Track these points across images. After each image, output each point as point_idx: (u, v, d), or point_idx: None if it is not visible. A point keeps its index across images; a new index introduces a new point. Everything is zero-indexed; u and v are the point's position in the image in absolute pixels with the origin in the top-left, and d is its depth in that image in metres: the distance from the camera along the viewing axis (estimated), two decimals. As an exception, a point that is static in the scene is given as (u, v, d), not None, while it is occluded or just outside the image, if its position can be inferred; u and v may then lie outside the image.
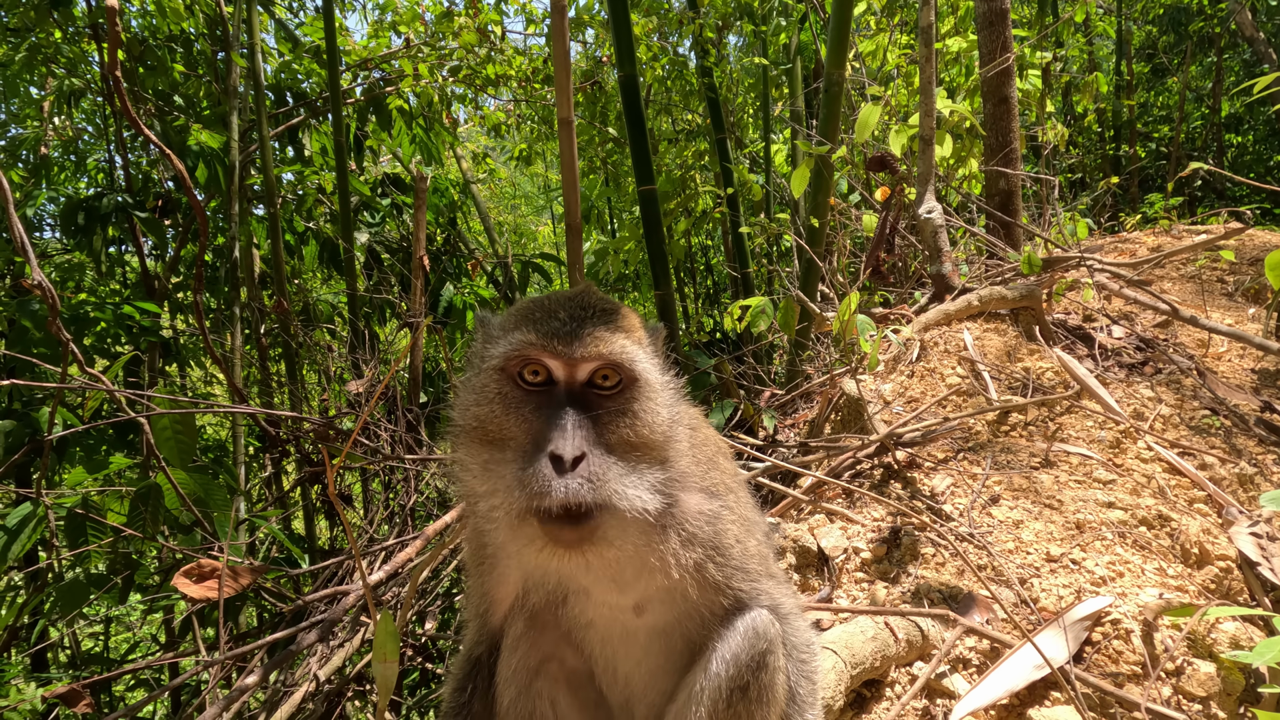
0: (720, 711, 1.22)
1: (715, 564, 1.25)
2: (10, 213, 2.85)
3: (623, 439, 1.16)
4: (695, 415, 1.40)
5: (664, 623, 1.32)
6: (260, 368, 5.99)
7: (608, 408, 1.16)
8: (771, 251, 7.99)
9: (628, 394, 1.18)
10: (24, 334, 4.62)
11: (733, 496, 1.34)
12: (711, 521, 1.26)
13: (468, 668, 1.44)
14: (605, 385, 1.17)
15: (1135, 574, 2.15)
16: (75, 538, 3.23)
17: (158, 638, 6.98)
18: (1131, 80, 12.08)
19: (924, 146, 4.25)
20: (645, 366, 1.20)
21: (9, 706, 2.91)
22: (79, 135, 8.75)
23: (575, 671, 1.42)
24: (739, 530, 1.30)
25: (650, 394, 1.20)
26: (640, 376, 1.19)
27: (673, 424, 1.22)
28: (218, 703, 2.70)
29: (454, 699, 1.42)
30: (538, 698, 1.37)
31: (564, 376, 1.17)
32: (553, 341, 1.16)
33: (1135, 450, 2.83)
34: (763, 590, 1.31)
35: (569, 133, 4.05)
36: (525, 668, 1.36)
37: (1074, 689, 1.69)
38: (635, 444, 1.17)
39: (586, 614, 1.34)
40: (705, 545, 1.25)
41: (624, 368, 1.17)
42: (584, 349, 1.15)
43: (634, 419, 1.17)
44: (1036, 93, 7.21)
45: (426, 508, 4.40)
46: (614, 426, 1.16)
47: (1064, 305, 4.59)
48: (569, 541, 1.10)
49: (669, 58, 7.57)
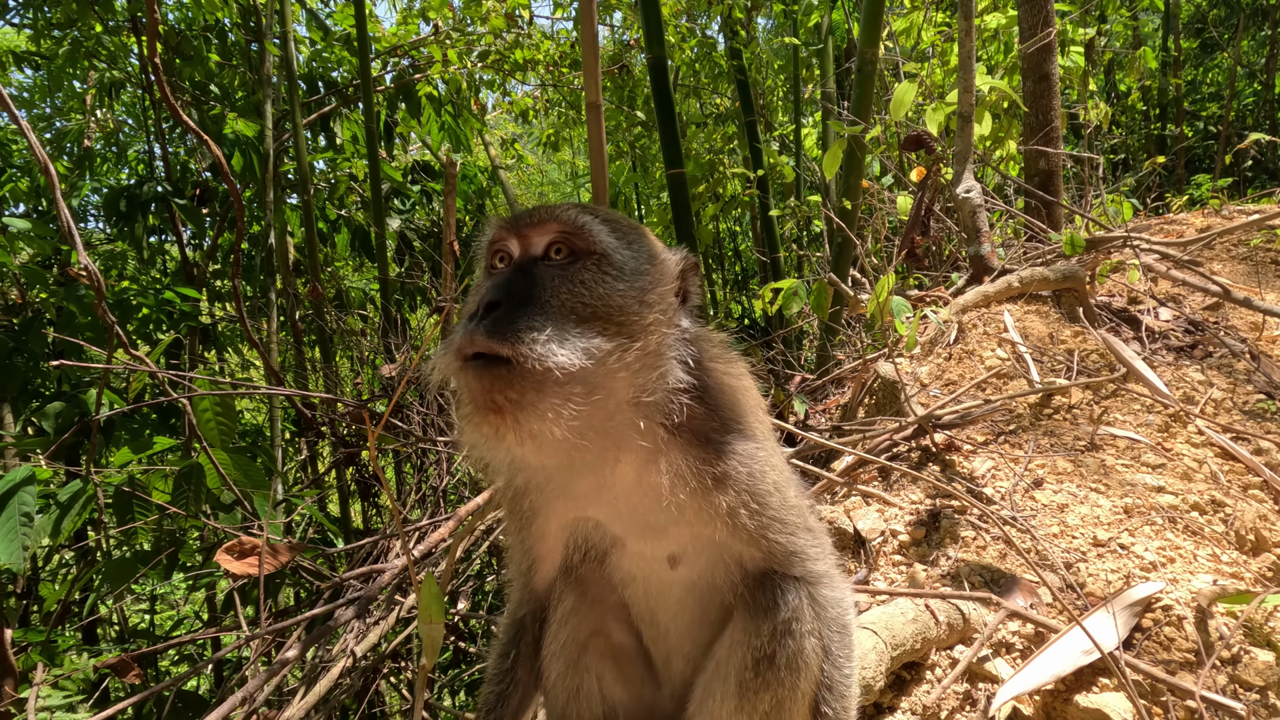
0: (749, 681, 1.20)
1: (750, 510, 1.19)
2: (59, 200, 2.92)
3: (567, 305, 1.08)
4: (737, 360, 1.33)
5: (699, 575, 1.30)
6: (295, 353, 6.10)
7: (557, 275, 1.11)
8: (801, 236, 7.87)
9: (579, 264, 1.12)
10: (70, 319, 4.76)
11: (770, 444, 1.28)
12: (747, 463, 1.19)
13: (512, 632, 1.44)
14: (558, 259, 1.13)
15: (1187, 560, 2.08)
16: (123, 515, 3.33)
17: (200, 614, 7.22)
18: (1179, 56, 11.60)
19: (963, 124, 4.13)
20: (606, 242, 1.14)
21: (64, 675, 3.02)
22: (119, 127, 8.98)
23: (621, 646, 1.42)
24: (777, 477, 1.25)
25: (608, 268, 1.13)
26: (596, 249, 1.13)
27: (647, 309, 1.13)
28: (260, 675, 2.77)
29: (498, 665, 1.42)
30: (585, 672, 1.37)
31: (518, 251, 1.16)
32: (512, 220, 1.17)
33: (1185, 435, 2.73)
34: (799, 546, 1.25)
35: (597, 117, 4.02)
36: (574, 641, 1.36)
37: (1124, 675, 1.64)
38: (584, 315, 1.08)
39: (625, 567, 1.33)
40: (741, 489, 1.18)
41: (576, 238, 1.13)
42: (532, 224, 1.15)
43: (581, 286, 1.10)
44: (1079, 70, 6.96)
45: (458, 490, 4.45)
46: (559, 291, 1.09)
47: (1108, 288, 4.44)
48: (489, 405, 1.01)
49: (697, 40, 7.47)
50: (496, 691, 1.40)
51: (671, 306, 1.21)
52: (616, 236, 1.17)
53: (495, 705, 1.39)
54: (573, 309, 1.08)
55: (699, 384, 1.20)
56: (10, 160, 7.73)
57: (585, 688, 1.36)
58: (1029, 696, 1.75)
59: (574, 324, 1.07)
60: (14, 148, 8.24)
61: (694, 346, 1.23)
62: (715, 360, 1.28)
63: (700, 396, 1.20)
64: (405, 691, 3.78)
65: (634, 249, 1.19)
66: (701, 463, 1.17)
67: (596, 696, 1.38)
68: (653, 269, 1.19)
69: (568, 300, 1.08)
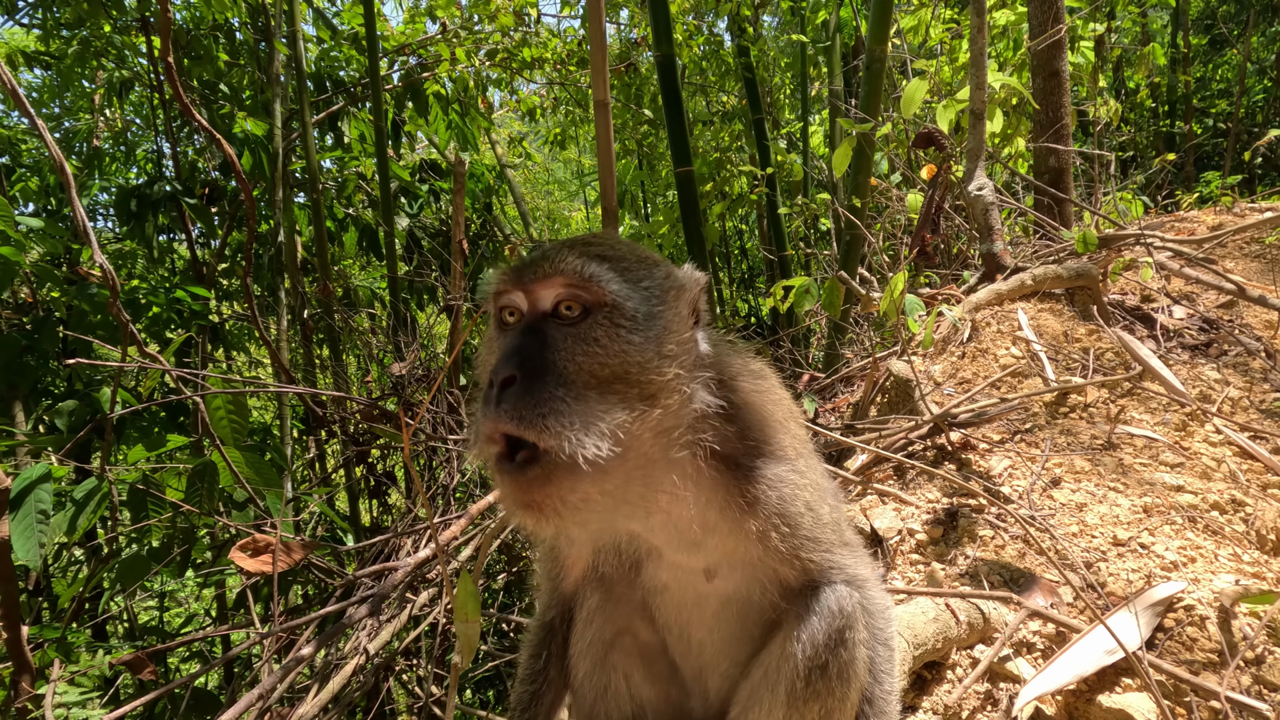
0: (799, 691, 1.18)
1: (780, 534, 1.18)
2: (74, 199, 2.93)
3: (584, 370, 1.02)
4: (763, 370, 1.31)
5: (735, 589, 1.29)
6: (304, 351, 6.12)
7: (569, 335, 1.04)
8: (809, 235, 7.86)
9: (592, 320, 1.04)
10: (82, 318, 4.78)
11: (803, 461, 1.26)
12: (777, 486, 1.18)
13: (542, 634, 1.44)
14: (569, 315, 1.05)
15: (1208, 559, 2.07)
16: (137, 512, 3.35)
17: (210, 612, 7.24)
18: (1188, 52, 11.53)
19: (974, 121, 4.11)
20: (616, 291, 1.05)
21: (80, 671, 3.04)
22: (128, 127, 9.00)
23: (648, 645, 1.41)
24: (810, 496, 1.22)
25: (622, 321, 1.04)
26: (607, 301, 1.05)
27: (667, 361, 1.07)
28: (275, 673, 2.78)
29: (529, 665, 1.42)
30: (612, 670, 1.37)
31: (526, 307, 1.08)
32: (509, 276, 1.09)
33: (1203, 434, 2.72)
34: (836, 562, 1.25)
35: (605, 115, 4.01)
36: (600, 640, 1.36)
37: (1148, 676, 1.63)
38: (604, 378, 1.02)
39: (659, 577, 1.32)
40: (770, 513, 1.17)
41: (584, 291, 1.05)
42: (537, 278, 1.06)
43: (596, 346, 1.03)
44: (1089, 66, 6.93)
45: (468, 488, 4.46)
46: (574, 354, 1.02)
47: (1120, 286, 4.42)
48: (527, 503, 1.00)
49: (704, 38, 7.45)
50: (530, 691, 1.40)
51: (690, 343, 1.15)
52: (627, 281, 1.09)
53: (529, 704, 1.39)
54: (590, 372, 1.03)
55: (726, 404, 1.17)
56: (19, 160, 7.76)
57: (614, 686, 1.36)
58: (1052, 696, 1.74)
59: (594, 392, 1.02)
60: (23, 147, 8.28)
61: (716, 367, 1.20)
62: (740, 376, 1.24)
63: (729, 416, 1.18)
64: (417, 689, 3.78)
65: (646, 290, 1.11)
66: (730, 491, 1.16)
67: (625, 695, 1.37)
68: (667, 309, 1.11)
69: (584, 364, 1.03)
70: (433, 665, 3.55)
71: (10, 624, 2.89)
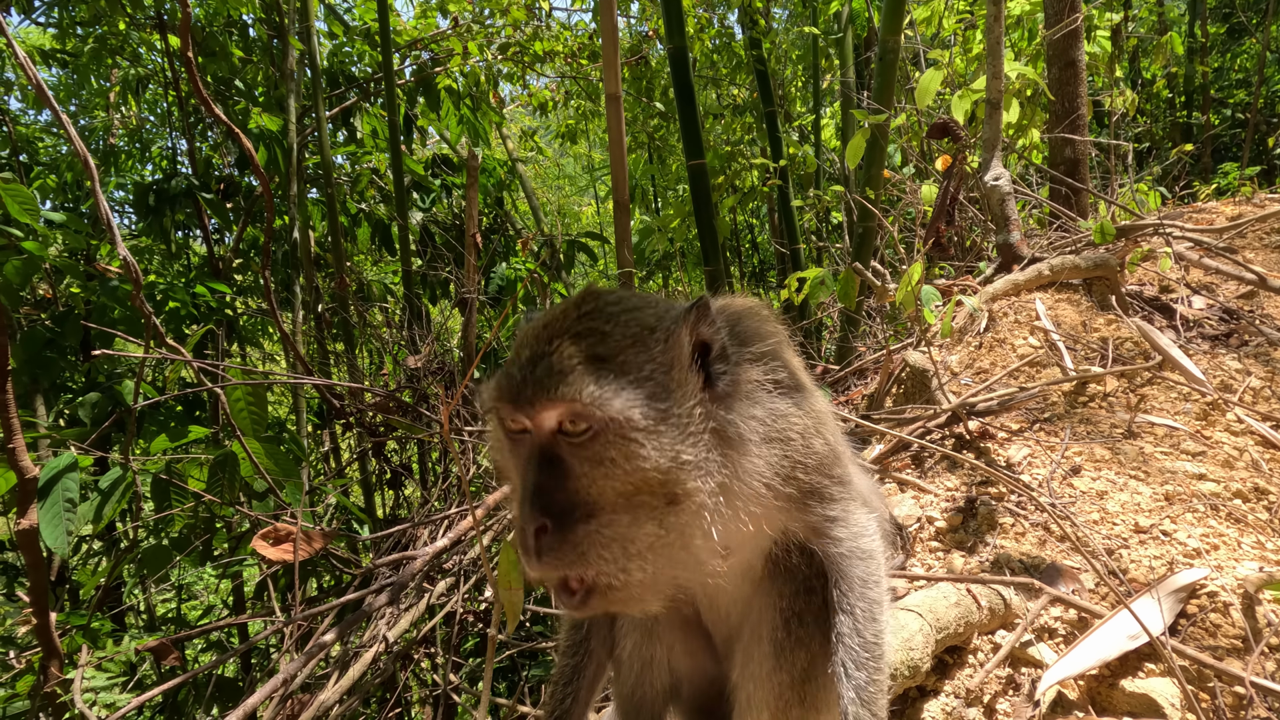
0: (782, 641, 1.23)
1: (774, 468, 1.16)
2: (97, 191, 2.97)
3: (607, 492, 1.02)
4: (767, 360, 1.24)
5: (747, 559, 1.32)
6: (318, 345, 6.17)
7: (583, 457, 1.02)
8: (821, 228, 7.83)
9: (602, 440, 1.01)
10: (102, 314, 4.84)
11: (800, 395, 1.24)
12: (772, 421, 1.17)
13: None
14: (575, 433, 1.01)
15: (1231, 547, 2.06)
16: (161, 501, 3.40)
17: (227, 603, 7.33)
18: (1206, 42, 11.36)
19: (991, 110, 4.08)
20: (623, 406, 1.00)
21: (107, 657, 3.09)
22: (143, 125, 9.09)
23: (689, 619, 1.45)
24: (807, 426, 1.21)
25: (633, 434, 1.00)
26: (615, 418, 1.00)
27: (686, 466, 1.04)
28: (296, 659, 2.82)
29: (570, 636, 1.45)
30: (658, 642, 1.40)
31: (531, 428, 1.05)
32: (508, 396, 1.05)
33: (1224, 423, 2.70)
34: (832, 495, 1.24)
35: (617, 108, 4.02)
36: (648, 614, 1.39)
37: (1172, 661, 1.63)
38: (626, 493, 1.02)
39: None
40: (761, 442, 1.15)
41: (588, 414, 1.00)
42: (536, 403, 1.02)
43: (612, 466, 1.01)
44: (1105, 56, 6.85)
45: (483, 480, 4.49)
46: (594, 479, 1.02)
47: (1138, 276, 4.38)
48: (574, 607, 1.07)
49: (716, 30, 7.43)
50: (572, 664, 1.42)
51: (703, 405, 1.09)
52: (630, 380, 1.03)
53: (571, 678, 1.41)
54: (614, 492, 1.03)
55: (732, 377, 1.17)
56: (37, 158, 7.85)
57: (658, 658, 1.40)
58: (1074, 681, 1.74)
59: (623, 512, 1.02)
60: (40, 145, 8.38)
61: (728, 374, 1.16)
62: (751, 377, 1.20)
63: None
64: (435, 677, 3.82)
65: (650, 380, 1.05)
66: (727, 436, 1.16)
67: (665, 667, 1.40)
68: (674, 389, 1.06)
69: (605, 486, 1.02)
70: (450, 654, 3.58)
71: (39, 610, 2.94)
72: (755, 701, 1.26)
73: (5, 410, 2.79)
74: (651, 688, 1.40)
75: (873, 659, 1.20)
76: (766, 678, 1.24)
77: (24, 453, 2.85)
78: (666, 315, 1.11)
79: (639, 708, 1.40)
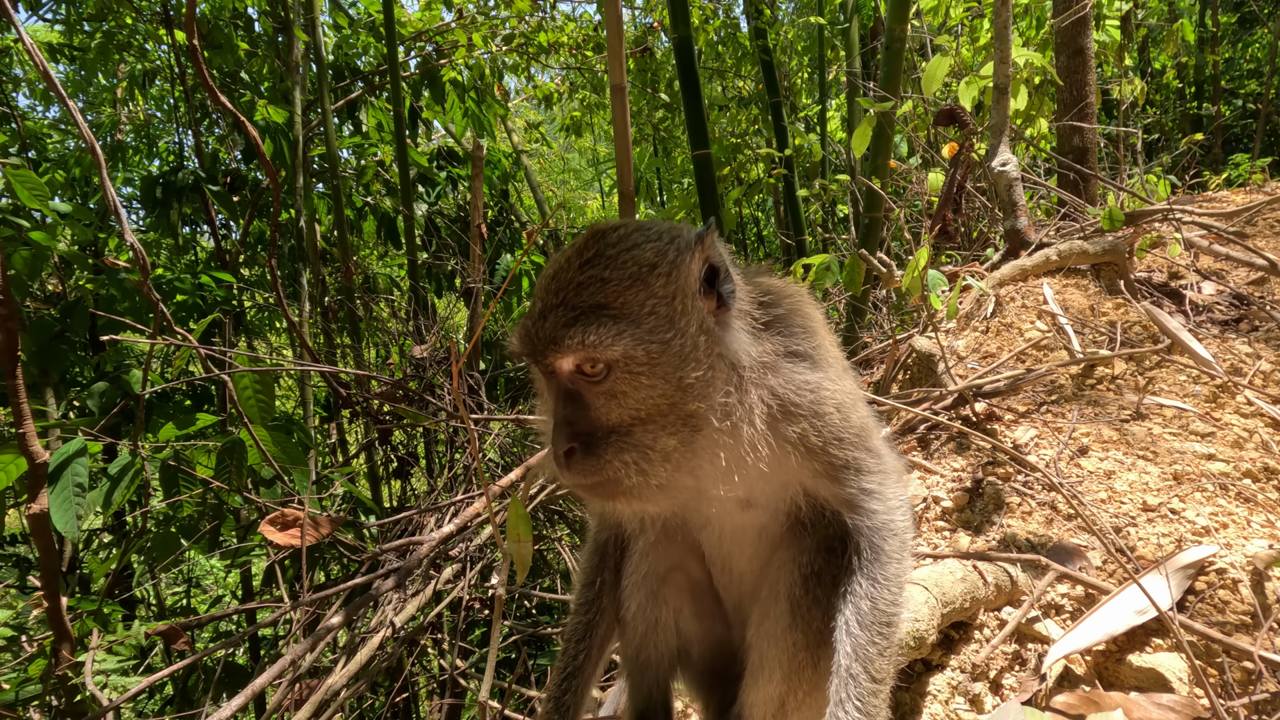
0: (800, 599, 1.22)
1: (811, 440, 1.18)
2: (103, 175, 2.99)
3: (625, 417, 1.11)
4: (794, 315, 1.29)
5: (768, 517, 1.31)
6: (324, 336, 6.20)
7: (600, 392, 1.11)
8: (827, 220, 7.81)
9: (614, 376, 1.10)
10: (110, 305, 4.88)
11: (837, 368, 1.27)
12: (812, 390, 1.20)
13: (595, 559, 1.47)
14: (590, 374, 1.11)
15: (1240, 525, 2.04)
16: (170, 488, 3.42)
17: (236, 594, 7.39)
18: (1217, 32, 11.25)
19: (998, 95, 4.05)
20: (626, 345, 1.08)
21: (118, 640, 3.12)
22: (149, 120, 9.14)
23: (698, 581, 1.45)
24: (842, 399, 1.23)
25: (639, 369, 1.09)
26: (619, 358, 1.09)
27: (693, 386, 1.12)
28: (304, 641, 2.83)
29: (583, 594, 1.46)
30: (664, 605, 1.40)
31: (553, 371, 1.14)
32: (525, 347, 1.14)
33: (1234, 405, 2.68)
34: (862, 465, 1.23)
35: (622, 99, 4.00)
36: (654, 574, 1.39)
37: (1180, 634, 1.62)
38: (643, 417, 1.11)
39: (702, 511, 1.35)
40: (803, 417, 1.18)
41: (593, 361, 1.10)
42: (548, 353, 1.11)
43: (625, 398, 1.11)
44: (1114, 44, 6.79)
45: (489, 468, 4.50)
46: (611, 409, 1.12)
47: (1147, 264, 4.35)
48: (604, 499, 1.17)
49: (721, 21, 7.40)
50: (584, 621, 1.43)
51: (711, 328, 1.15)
52: (631, 320, 1.10)
53: (583, 635, 1.42)
54: (631, 416, 1.12)
55: (768, 320, 1.22)
56: (46, 154, 7.90)
57: (664, 621, 1.39)
58: (1081, 656, 1.73)
59: (640, 427, 1.12)
60: (48, 141, 8.43)
61: (754, 298, 1.22)
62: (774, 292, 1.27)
63: (774, 330, 1.23)
64: (441, 663, 3.84)
65: (653, 315, 1.11)
66: (771, 408, 1.18)
67: (672, 629, 1.40)
68: (677, 318, 1.12)
69: (622, 413, 1.12)
70: (457, 639, 3.60)
71: (50, 594, 2.97)
72: (768, 660, 1.25)
73: (15, 395, 2.82)
74: (657, 650, 1.40)
75: (878, 624, 1.18)
76: (781, 636, 1.23)
77: (34, 437, 2.88)
78: (670, 248, 1.15)
79: (643, 670, 1.40)
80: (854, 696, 1.13)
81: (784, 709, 1.26)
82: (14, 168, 3.16)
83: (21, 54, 8.03)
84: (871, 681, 1.15)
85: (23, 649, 3.25)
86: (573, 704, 1.36)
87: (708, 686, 1.50)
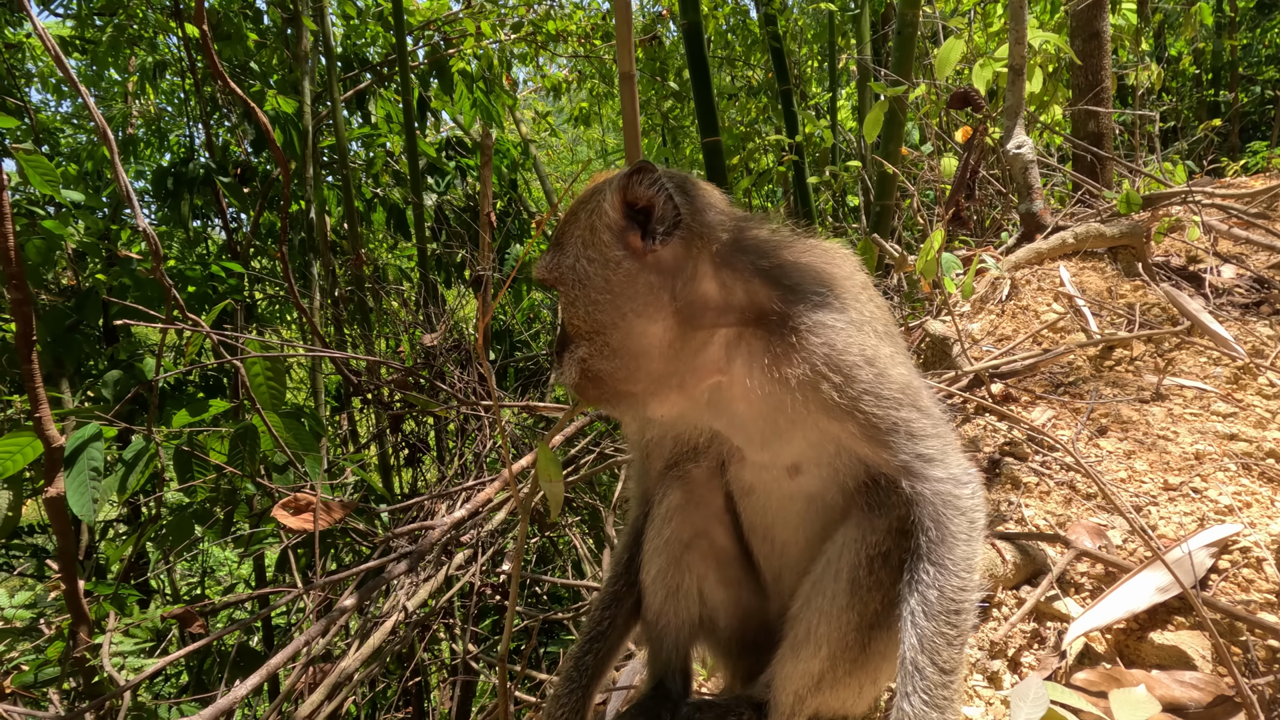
0: (861, 579, 1.18)
1: (832, 384, 1.14)
2: (115, 162, 3.00)
3: (573, 332, 1.29)
4: (814, 248, 1.31)
5: (820, 487, 1.29)
6: (335, 326, 6.22)
7: (562, 308, 1.32)
8: (839, 210, 7.75)
9: (562, 296, 1.30)
10: (123, 296, 4.91)
11: (857, 310, 1.22)
12: (820, 331, 1.16)
13: (630, 536, 1.48)
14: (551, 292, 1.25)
15: (1264, 505, 2.01)
16: (184, 473, 3.44)
17: (250, 582, 7.46)
18: (1235, 17, 11.07)
19: (1014, 77, 4.00)
20: (553, 267, 1.28)
21: (134, 623, 3.15)
22: (160, 115, 9.19)
23: (724, 550, 1.43)
24: (869, 347, 1.17)
25: (567, 291, 1.26)
26: (559, 281, 1.28)
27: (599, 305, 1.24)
28: (317, 625, 2.85)
29: (614, 568, 1.48)
30: (687, 570, 1.39)
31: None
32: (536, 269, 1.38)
33: (1256, 386, 2.63)
34: (901, 421, 1.16)
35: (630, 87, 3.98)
36: (677, 540, 1.38)
37: (1204, 612, 1.59)
38: (579, 332, 1.27)
39: (745, 479, 1.34)
40: (816, 359, 1.15)
41: (545, 280, 1.31)
42: (538, 276, 1.33)
43: (568, 315, 1.29)
44: (1130, 28, 6.69)
45: (500, 454, 4.51)
46: (568, 323, 1.31)
47: (1164, 248, 4.28)
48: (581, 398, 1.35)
49: (730, 8, 7.34)
50: (613, 591, 1.44)
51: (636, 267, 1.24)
52: (560, 251, 1.29)
53: (611, 603, 1.43)
54: (575, 329, 1.29)
55: (767, 272, 1.23)
56: (58, 149, 7.96)
57: (685, 587, 1.38)
58: (1101, 634, 1.71)
59: (576, 339, 1.29)
60: (61, 135, 8.48)
61: (742, 247, 1.26)
62: (783, 246, 1.29)
63: (774, 281, 1.22)
64: (455, 646, 3.86)
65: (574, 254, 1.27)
66: (770, 343, 1.18)
67: (695, 597, 1.39)
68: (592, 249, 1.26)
69: (571, 326, 1.30)
70: (469, 624, 3.61)
71: (68, 577, 3.00)
72: (816, 635, 1.22)
73: (30, 380, 2.84)
74: (678, 616, 1.39)
75: (946, 613, 1.12)
76: (836, 615, 1.20)
77: (50, 422, 2.89)
78: (599, 190, 1.29)
79: (662, 636, 1.39)
80: (919, 689, 1.10)
81: (819, 685, 1.24)
82: (26, 153, 3.17)
83: (35, 49, 8.09)
84: (939, 673, 1.11)
85: (41, 632, 3.28)
86: (593, 665, 1.36)
87: (735, 655, 1.48)
